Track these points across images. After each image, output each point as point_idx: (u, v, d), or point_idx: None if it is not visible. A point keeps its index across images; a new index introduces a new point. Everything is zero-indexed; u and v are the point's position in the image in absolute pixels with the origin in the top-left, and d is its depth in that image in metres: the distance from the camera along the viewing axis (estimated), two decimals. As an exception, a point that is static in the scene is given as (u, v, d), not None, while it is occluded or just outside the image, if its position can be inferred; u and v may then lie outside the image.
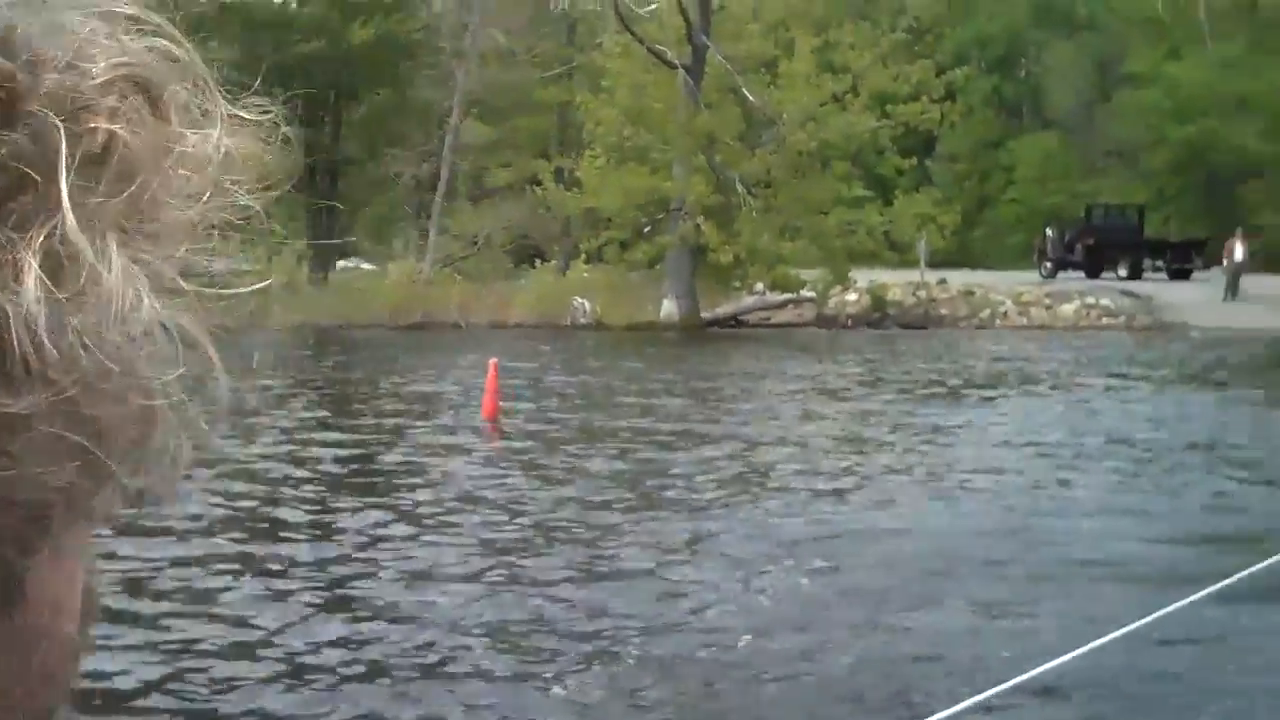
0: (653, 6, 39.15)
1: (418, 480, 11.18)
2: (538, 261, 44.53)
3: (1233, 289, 39.12)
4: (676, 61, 35.03)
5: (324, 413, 16.18)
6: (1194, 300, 38.69)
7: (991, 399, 17.68)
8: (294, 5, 42.57)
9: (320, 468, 11.82)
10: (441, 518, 9.59)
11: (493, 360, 15.27)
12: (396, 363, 24.47)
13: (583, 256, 39.58)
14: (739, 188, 34.38)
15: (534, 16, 50.80)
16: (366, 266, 46.84)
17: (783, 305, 36.26)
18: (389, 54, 41.84)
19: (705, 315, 35.17)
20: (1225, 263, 40.08)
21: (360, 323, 34.40)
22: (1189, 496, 10.22)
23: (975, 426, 14.56)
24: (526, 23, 48.75)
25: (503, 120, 46.84)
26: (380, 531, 9.02)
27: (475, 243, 42.27)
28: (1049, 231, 49.58)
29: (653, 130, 36.01)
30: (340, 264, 45.94)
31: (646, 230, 35.91)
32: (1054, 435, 13.74)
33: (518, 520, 9.48)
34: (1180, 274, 45.81)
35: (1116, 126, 67.37)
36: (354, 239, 46.35)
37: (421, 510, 9.87)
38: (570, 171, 39.43)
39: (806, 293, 35.80)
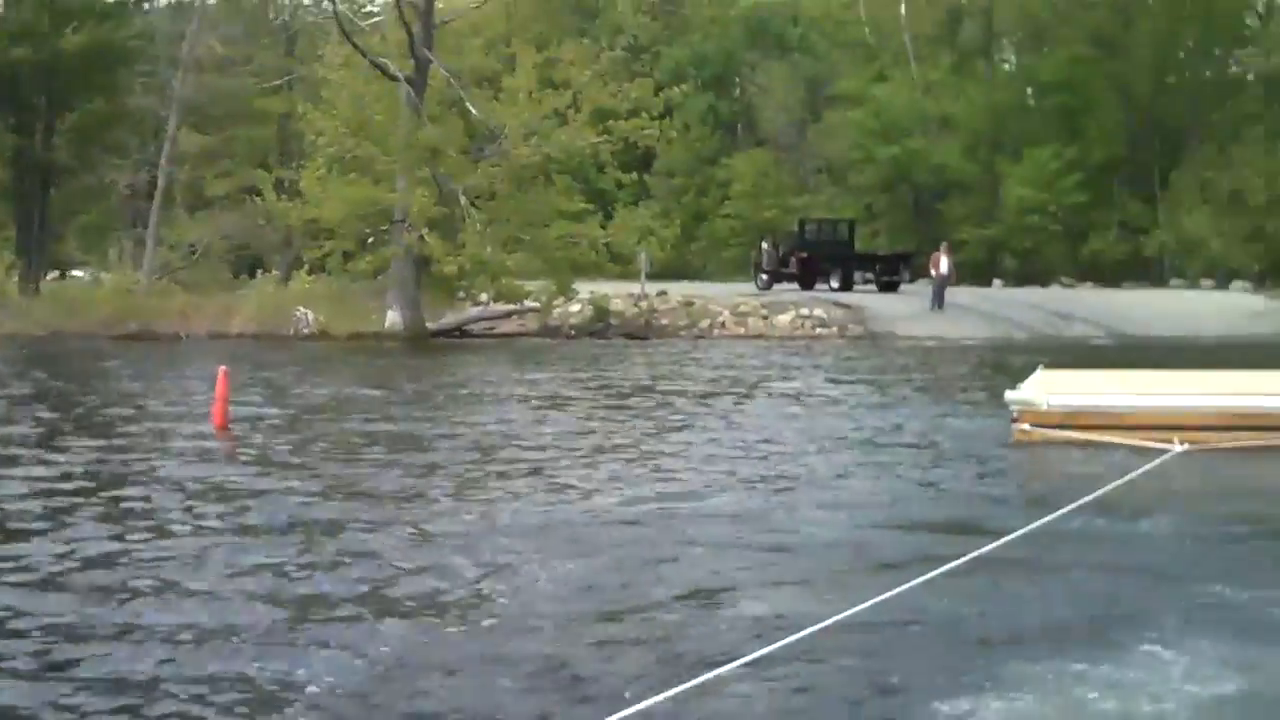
0: (376, 19, 39.10)
1: (140, 489, 11.00)
2: (259, 272, 43.89)
3: (939, 300, 40.79)
4: (399, 74, 35.04)
5: (41, 424, 15.74)
6: (902, 311, 40.30)
7: (713, 402, 18.28)
8: (0, 9, 41.03)
9: (36, 472, 11.57)
10: (170, 523, 9.47)
11: (222, 368, 15.17)
12: (114, 372, 23.96)
13: (305, 267, 39.20)
14: (462, 200, 34.52)
15: (252, 26, 50.10)
16: (79, 274, 45.50)
17: (507, 315, 36.61)
18: (103, 61, 40.69)
19: (430, 325, 35.31)
20: (932, 274, 41.80)
21: (75, 332, 33.45)
22: (902, 487, 10.87)
23: (700, 427, 15.09)
24: (244, 32, 47.98)
25: (221, 130, 46.05)
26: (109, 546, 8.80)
27: (194, 252, 41.51)
28: (764, 245, 50.84)
29: (375, 142, 35.87)
30: (54, 274, 44.53)
31: (369, 241, 35.80)
32: (775, 434, 14.36)
33: (241, 520, 9.46)
34: (889, 286, 47.43)
35: (827, 145, 69.84)
36: (67, 248, 45.00)
37: (152, 518, 9.74)
38: (291, 182, 39.05)
39: (530, 303, 36.17)
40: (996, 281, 58.32)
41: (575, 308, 37.58)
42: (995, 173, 64.04)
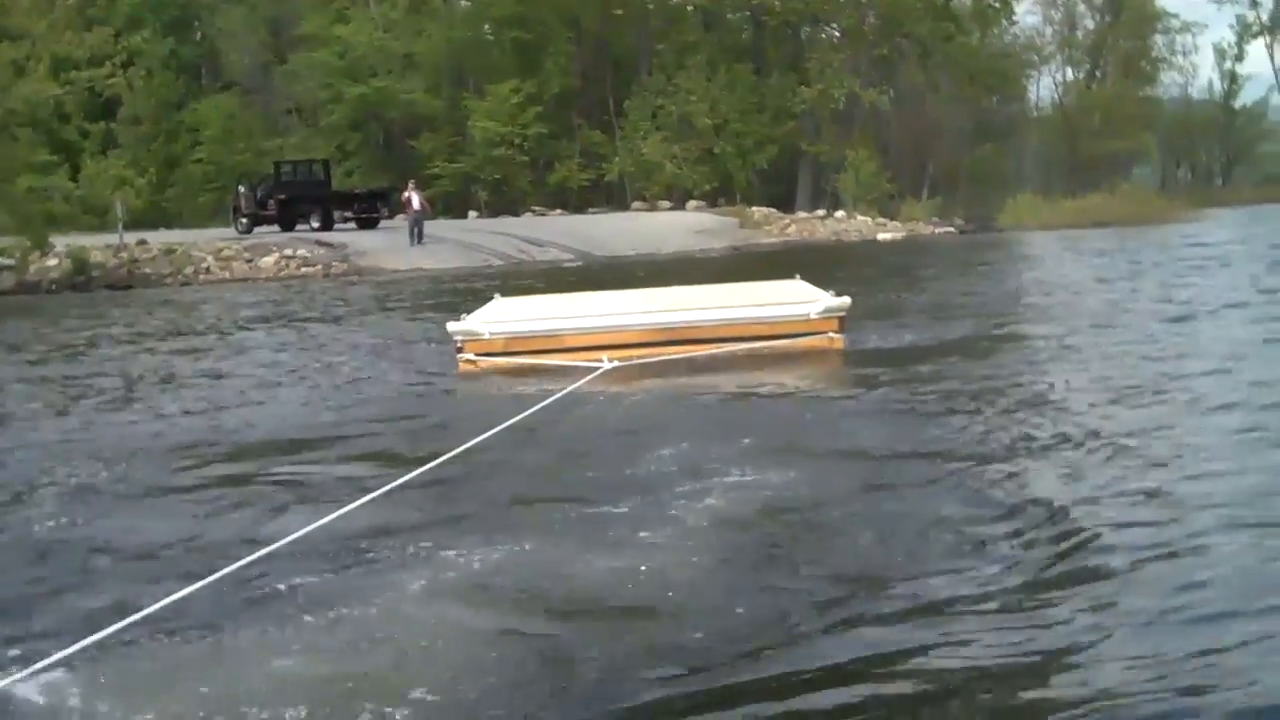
0: None
1: None
2: None
3: (417, 234, 42.07)
4: None
5: None
6: (384, 246, 41.26)
7: (206, 340, 18.87)
8: None
9: None
10: None
11: None
12: None
13: None
14: (-79, 158, 33.37)
15: None
16: None
17: (-22, 275, 35.55)
18: None
19: (-104, 290, 33.95)
20: (407, 212, 43.22)
21: None
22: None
23: (209, 368, 15.69)
24: None
25: None
26: None
27: None
28: (241, 189, 50.64)
29: None
30: None
31: None
32: (272, 362, 15.28)
33: None
34: (368, 223, 48.26)
35: (294, 86, 69.92)
36: None
37: None
38: None
39: (4, 260, 35.22)
40: (471, 214, 60.57)
41: (52, 262, 36.76)
42: (461, 108, 66.06)
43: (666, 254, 41.74)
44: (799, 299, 13.23)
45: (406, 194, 43.25)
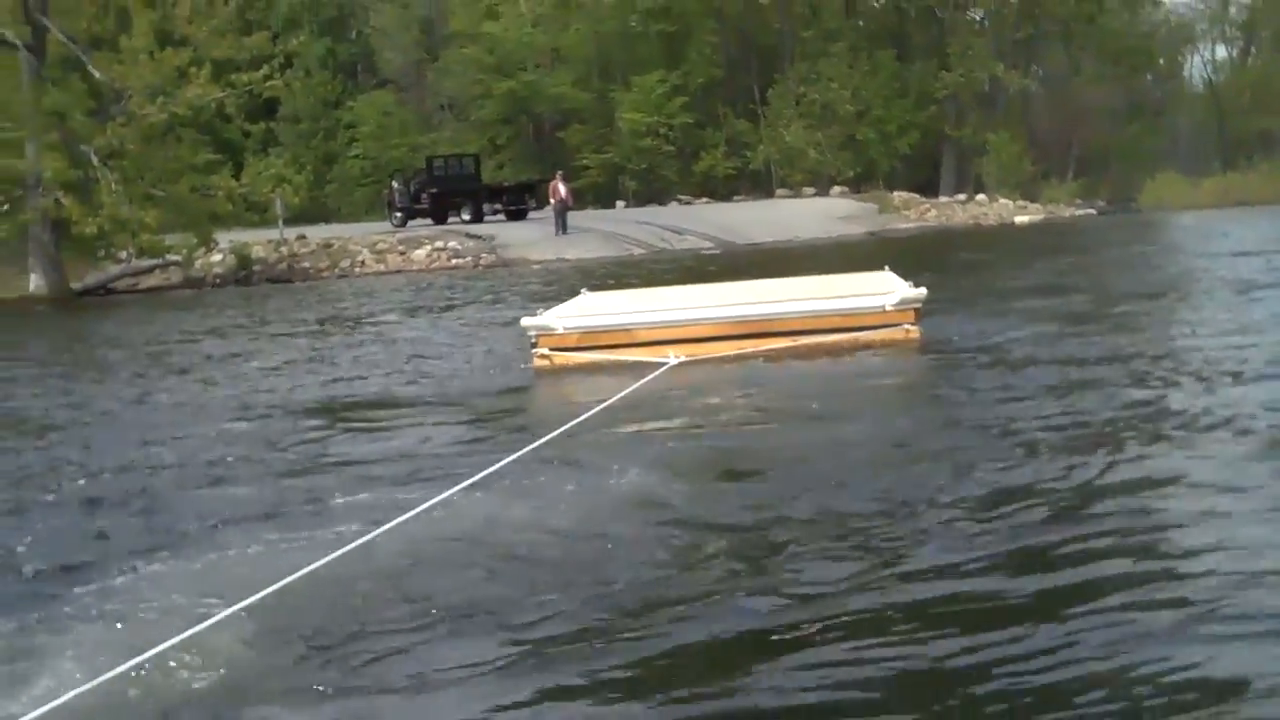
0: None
1: None
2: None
3: (562, 225, 43.31)
4: (17, 41, 35.31)
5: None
6: (530, 238, 42.38)
7: (377, 325, 20.03)
8: None
9: None
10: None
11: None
12: None
13: (-63, 237, 38.90)
14: (94, 161, 35.24)
15: None
16: None
17: (150, 270, 37.45)
18: None
19: (75, 286, 35.97)
20: (552, 202, 44.42)
21: None
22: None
23: (363, 347, 16.76)
24: None
25: None
26: None
27: None
28: (395, 183, 52.65)
29: (-1, 110, 35.93)
30: None
31: (4, 208, 35.97)
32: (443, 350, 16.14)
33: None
34: (517, 215, 49.42)
35: (446, 82, 71.74)
36: None
37: None
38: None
39: (173, 257, 37.05)
40: (619, 204, 61.72)
41: (217, 258, 38.56)
42: (609, 100, 67.23)
43: (803, 240, 42.40)
44: (876, 290, 13.01)
45: (553, 184, 44.47)
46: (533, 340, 12.66)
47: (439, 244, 40.89)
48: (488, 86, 67.95)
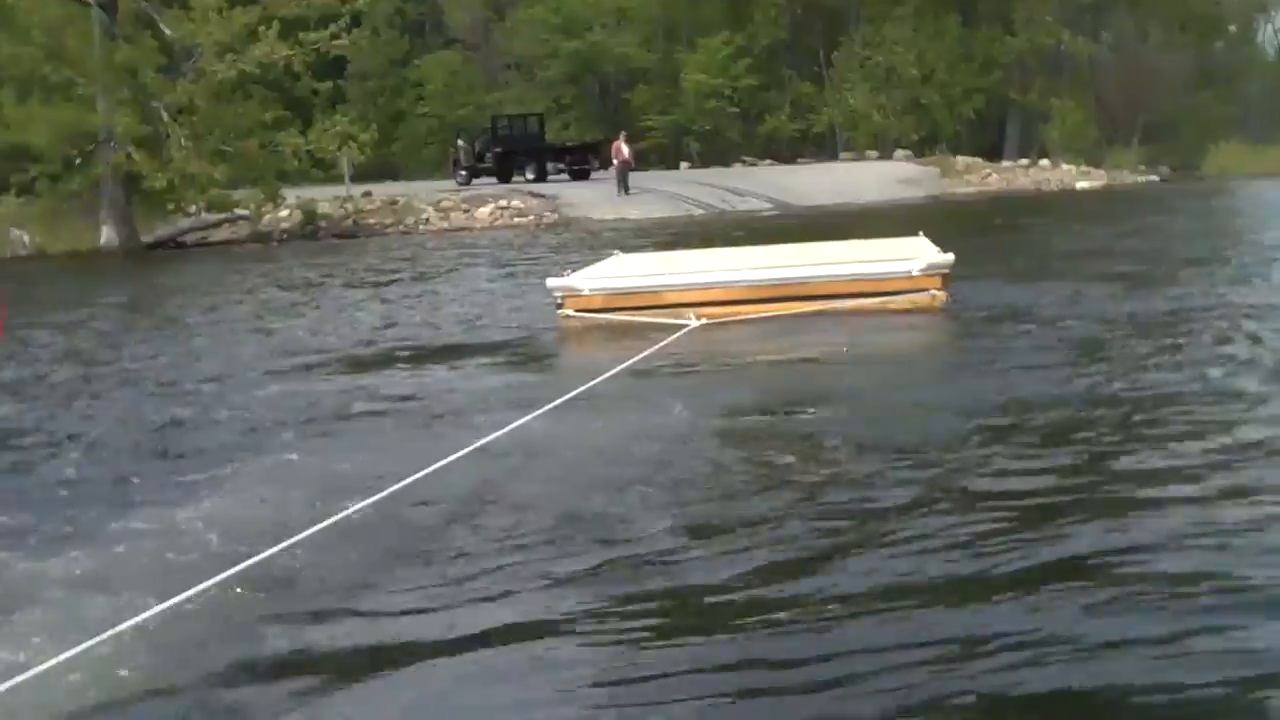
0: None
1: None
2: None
3: (624, 185, 43.45)
4: (90, -1, 36.03)
5: None
6: (592, 197, 42.63)
7: (426, 280, 20.62)
8: None
9: None
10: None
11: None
12: None
13: (13, 190, 39.63)
14: (164, 117, 35.95)
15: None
16: None
17: (218, 224, 38.18)
18: None
19: (146, 239, 36.75)
20: (615, 163, 44.71)
21: None
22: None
23: (409, 298, 17.41)
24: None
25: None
26: None
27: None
28: (460, 142, 53.27)
29: (72, 65, 36.50)
30: None
31: (78, 162, 36.68)
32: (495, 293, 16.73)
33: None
34: (580, 174, 49.94)
35: (513, 42, 72.09)
36: None
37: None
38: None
39: (241, 211, 37.76)
40: (683, 165, 61.95)
41: (284, 213, 39.12)
42: (673, 61, 67.36)
43: (862, 204, 42.50)
44: (905, 256, 13.11)
45: (616, 144, 44.76)
46: (559, 301, 12.94)
47: (502, 202, 41.29)
48: (554, 46, 68.29)
